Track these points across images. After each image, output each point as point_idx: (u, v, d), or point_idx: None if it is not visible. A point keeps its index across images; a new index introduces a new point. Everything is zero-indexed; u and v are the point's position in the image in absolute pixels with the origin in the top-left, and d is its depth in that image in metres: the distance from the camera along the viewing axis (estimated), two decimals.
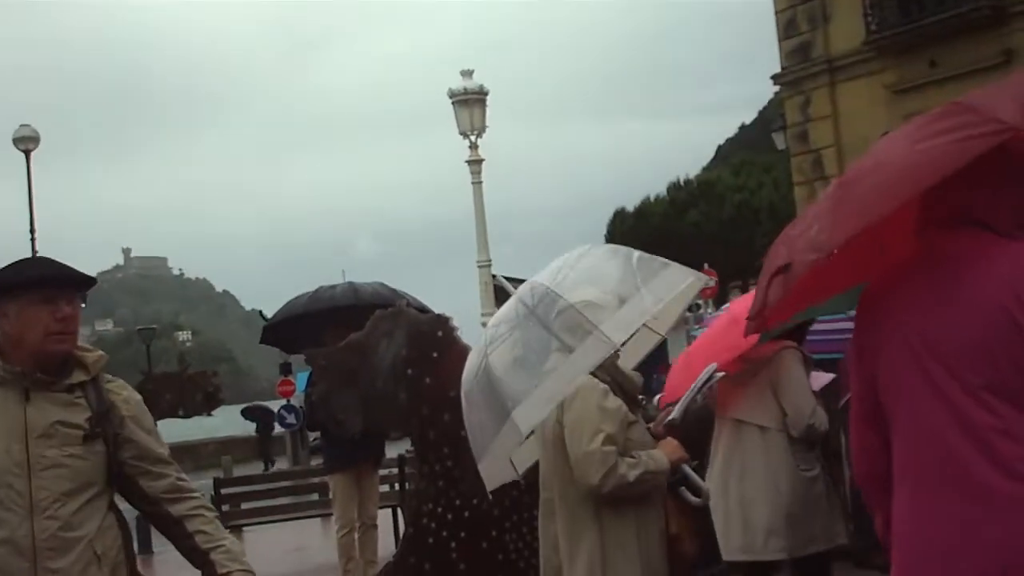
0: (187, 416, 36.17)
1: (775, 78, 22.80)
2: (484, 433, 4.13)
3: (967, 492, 2.65)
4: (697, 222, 40.32)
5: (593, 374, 4.16)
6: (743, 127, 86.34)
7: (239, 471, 27.67)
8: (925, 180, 2.63)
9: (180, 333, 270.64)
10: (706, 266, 27.19)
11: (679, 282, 4.22)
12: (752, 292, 5.73)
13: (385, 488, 12.06)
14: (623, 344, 4.29)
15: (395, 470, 12.20)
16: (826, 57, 21.43)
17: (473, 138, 17.61)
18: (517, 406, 3.83)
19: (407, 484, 10.89)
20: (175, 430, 36.91)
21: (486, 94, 17.81)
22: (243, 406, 38.52)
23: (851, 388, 3.11)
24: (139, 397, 3.75)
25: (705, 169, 60.06)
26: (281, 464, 28.73)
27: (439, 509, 7.65)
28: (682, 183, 44.19)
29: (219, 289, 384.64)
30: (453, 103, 17.66)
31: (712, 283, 26.12)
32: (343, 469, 9.51)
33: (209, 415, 37.13)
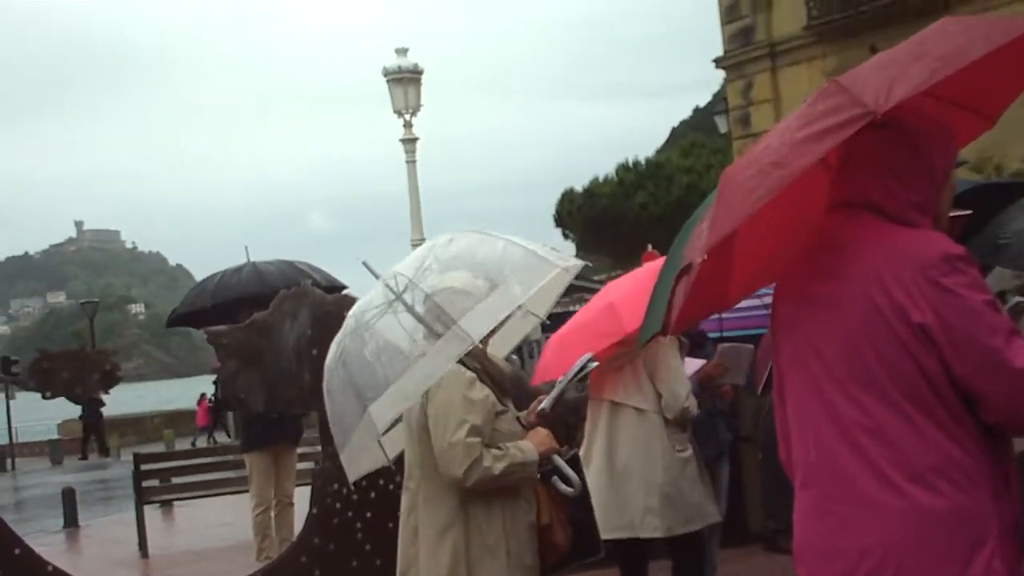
0: (83, 395, 35.13)
1: (717, 61, 22.92)
2: (345, 424, 4.05)
3: (842, 493, 2.63)
4: (645, 203, 40.26)
5: (461, 362, 4.01)
6: (697, 109, 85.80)
7: (181, 444, 27.74)
8: (790, 175, 2.52)
9: (133, 306, 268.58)
10: (650, 247, 27.17)
11: (545, 272, 4.11)
12: (634, 271, 5.77)
13: (307, 465, 12.05)
14: (491, 333, 4.21)
15: (318, 447, 12.20)
16: (768, 41, 21.57)
17: (408, 117, 17.54)
18: (373, 401, 3.76)
19: None
20: None
21: (421, 73, 17.70)
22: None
23: (774, 369, 3.00)
24: None
25: (659, 151, 59.90)
26: (222, 439, 28.74)
27: (344, 490, 7.66)
28: (631, 164, 44.13)
29: (172, 263, 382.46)
30: (388, 81, 17.54)
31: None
32: (259, 448, 9.54)
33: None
